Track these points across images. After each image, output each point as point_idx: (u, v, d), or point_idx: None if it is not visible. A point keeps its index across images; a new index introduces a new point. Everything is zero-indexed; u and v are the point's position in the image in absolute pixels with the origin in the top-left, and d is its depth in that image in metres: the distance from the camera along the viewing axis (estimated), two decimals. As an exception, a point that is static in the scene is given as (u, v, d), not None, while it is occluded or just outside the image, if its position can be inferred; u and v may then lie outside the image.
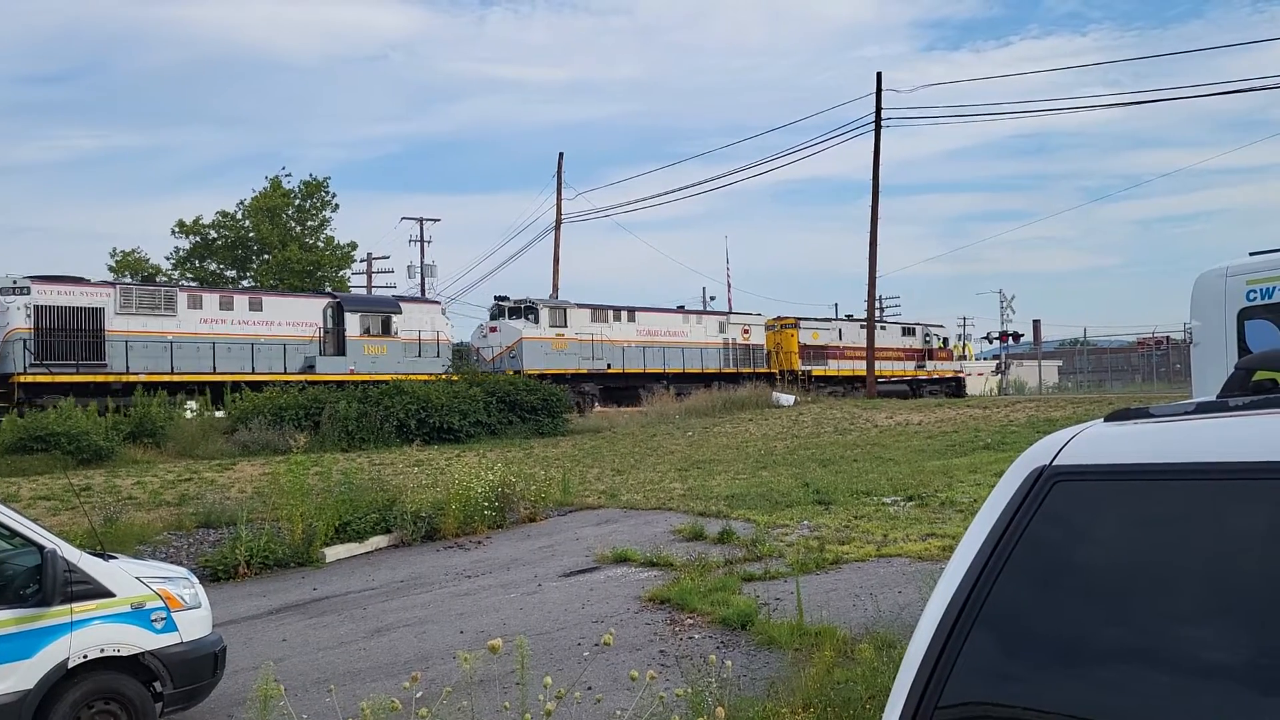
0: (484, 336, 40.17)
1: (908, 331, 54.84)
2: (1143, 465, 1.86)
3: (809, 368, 47.91)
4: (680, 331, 44.58)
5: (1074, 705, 1.73)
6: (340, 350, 34.88)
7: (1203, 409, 1.92)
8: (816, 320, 52.12)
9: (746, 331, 47.23)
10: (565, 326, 39.94)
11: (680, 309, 47.03)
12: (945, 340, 57.58)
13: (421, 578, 13.38)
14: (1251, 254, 7.33)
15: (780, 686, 7.12)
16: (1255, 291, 7.07)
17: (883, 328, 52.24)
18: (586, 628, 9.93)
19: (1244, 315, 7.10)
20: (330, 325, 35.20)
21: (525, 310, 39.97)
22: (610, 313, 42.70)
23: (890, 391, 48.68)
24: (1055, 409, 30.04)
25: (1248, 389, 2.00)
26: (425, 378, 33.18)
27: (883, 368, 49.41)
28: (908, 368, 52.88)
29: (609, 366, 40.72)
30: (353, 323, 35.35)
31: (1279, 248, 7.17)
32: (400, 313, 36.88)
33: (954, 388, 53.88)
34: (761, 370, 46.36)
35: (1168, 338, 44.07)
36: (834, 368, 49.42)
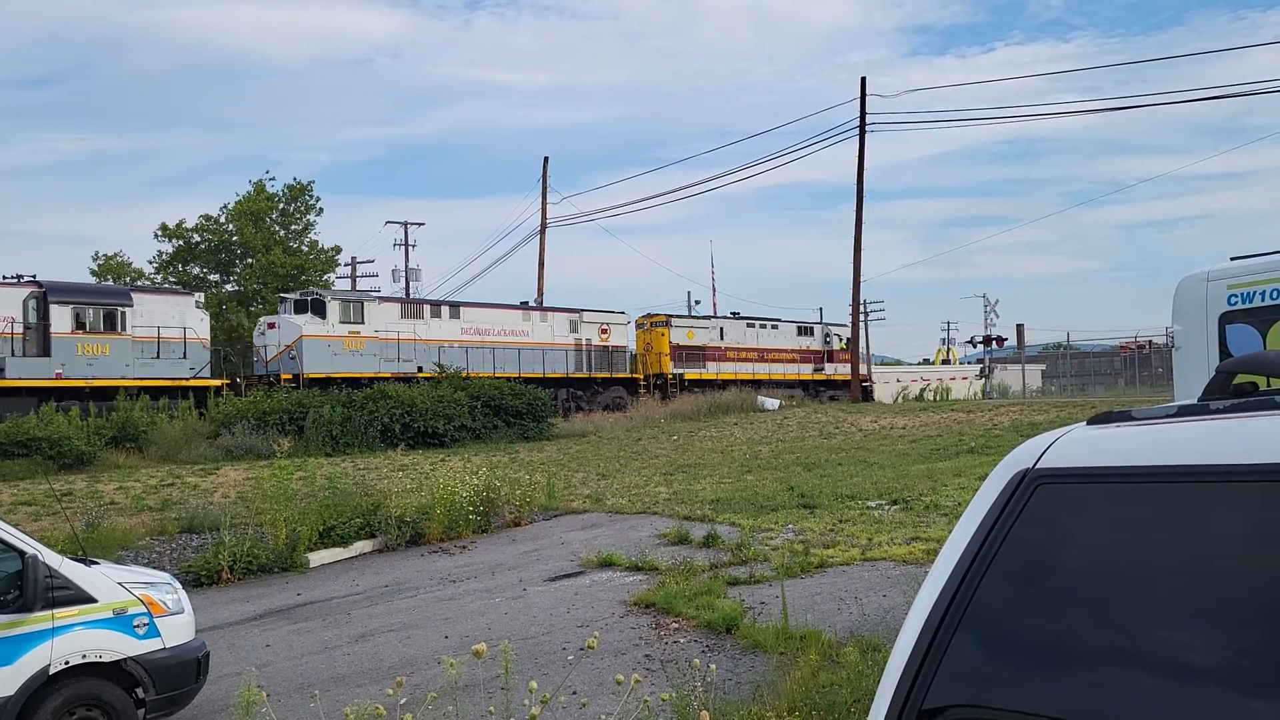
0: (262, 334, 35.43)
1: (805, 331, 51.80)
2: (1125, 468, 1.86)
3: (682, 370, 44.37)
4: (519, 330, 40.31)
5: (1057, 708, 1.73)
6: (44, 350, 29.00)
7: (1184, 412, 1.93)
8: (693, 318, 48.74)
9: (605, 331, 43.09)
10: (362, 323, 35.34)
11: (523, 305, 42.69)
12: (848, 341, 53.99)
13: (406, 583, 13.34)
14: (1232, 259, 7.38)
15: (765, 690, 7.12)
16: (1236, 296, 7.12)
17: (774, 327, 50.02)
18: (571, 632, 9.91)
19: (1225, 319, 7.15)
20: (33, 319, 29.22)
21: (311, 304, 35.12)
22: (427, 308, 38.66)
23: (787, 395, 45.41)
24: (1038, 413, 30.17)
25: (1228, 392, 2.01)
26: (164, 383, 29.97)
27: (772, 370, 47.02)
28: (803, 370, 49.83)
29: (420, 370, 35.89)
30: (61, 316, 29.25)
31: (1260, 253, 7.22)
32: (131, 305, 30.74)
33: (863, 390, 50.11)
34: (621, 375, 43.06)
35: (1150, 342, 44.28)
36: (713, 370, 45.53)
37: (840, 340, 52.50)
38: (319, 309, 34.73)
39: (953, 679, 1.86)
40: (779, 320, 51.40)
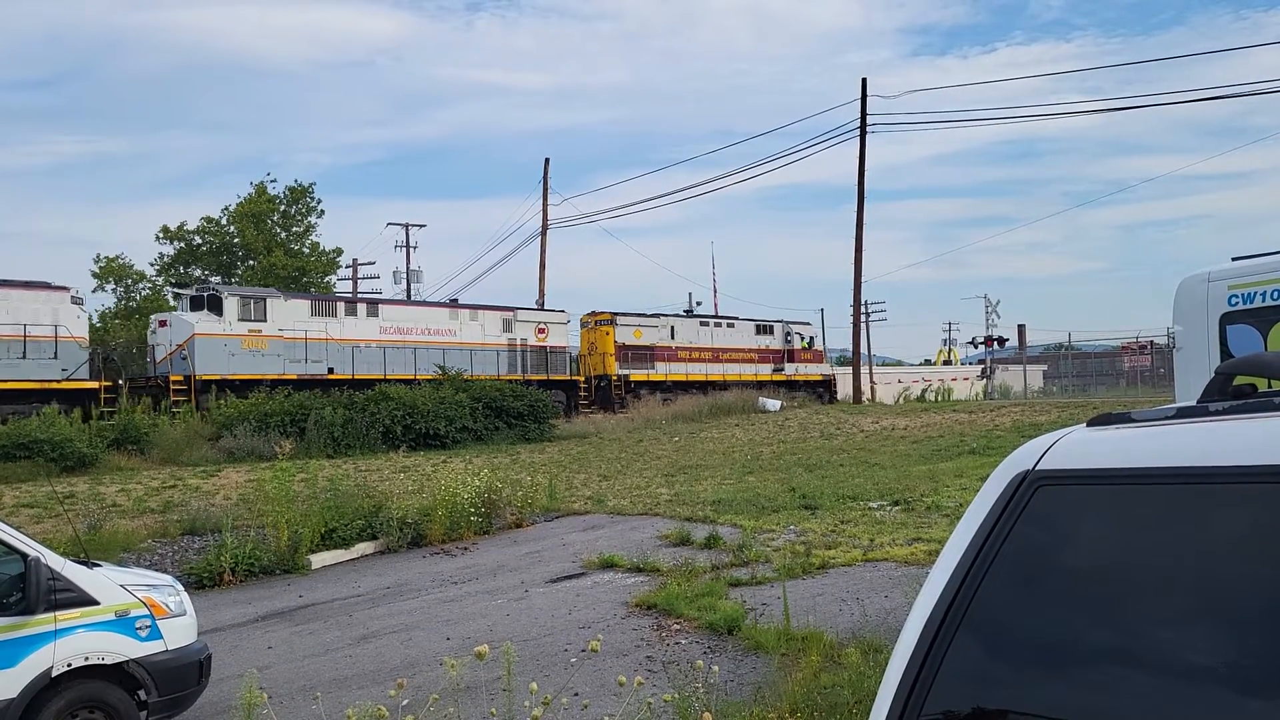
0: (154, 332, 32.96)
1: (764, 329, 49.21)
2: (1124, 469, 1.87)
3: (628, 371, 41.98)
4: (446, 329, 38.02)
5: (1058, 708, 1.74)
6: None
7: (1183, 414, 1.93)
8: (640, 316, 45.40)
9: (543, 330, 40.84)
10: (265, 321, 32.93)
11: (452, 302, 40.61)
12: (810, 340, 52.06)
13: (408, 584, 13.34)
14: (1234, 259, 7.38)
15: (767, 691, 7.12)
16: (1237, 296, 7.12)
17: (730, 325, 47.85)
18: (573, 634, 9.92)
19: (1226, 320, 7.15)
20: None
21: (207, 300, 32.75)
22: (341, 306, 36.32)
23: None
24: (1040, 413, 30.16)
25: (1228, 394, 2.02)
26: (30, 385, 27.54)
27: (728, 371, 44.89)
28: (761, 371, 47.44)
29: (331, 371, 33.99)
30: None
31: (1261, 253, 7.22)
32: None
33: (821, 394, 48.61)
34: (560, 377, 40.59)
35: (1151, 342, 44.24)
36: (662, 371, 43.19)
37: (802, 339, 50.60)
38: (215, 305, 32.36)
39: (954, 680, 1.86)
40: (735, 318, 49.29)
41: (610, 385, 41.49)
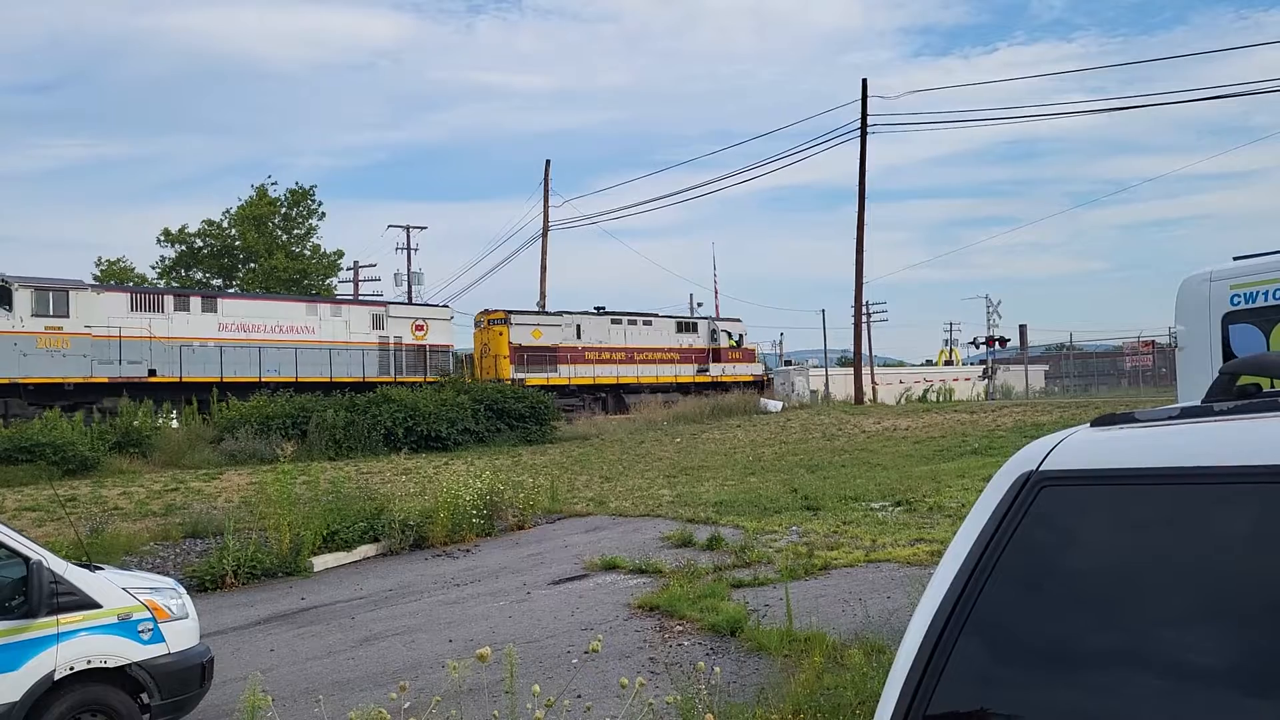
0: None
1: (686, 327, 46.34)
2: (1129, 470, 1.87)
3: (524, 375, 38.62)
4: (301, 327, 34.57)
5: (1063, 710, 1.74)
6: None
7: (1187, 414, 1.93)
8: (540, 314, 42.60)
9: (421, 328, 37.76)
10: (67, 316, 29.42)
11: (313, 297, 37.83)
12: (740, 338, 48.58)
13: (410, 586, 13.34)
14: (1236, 258, 7.37)
15: (770, 693, 7.12)
16: (1239, 296, 7.11)
17: (647, 323, 44.70)
18: (576, 635, 9.91)
19: (1228, 320, 7.14)
20: None
21: None
22: (170, 300, 32.73)
23: (665, 402, 40.51)
24: (1042, 414, 30.13)
25: (1232, 394, 2.01)
26: None
27: (643, 373, 42.16)
28: (684, 372, 44.54)
29: (153, 374, 30.80)
30: None
31: (1263, 252, 7.21)
32: None
33: (758, 393, 44.62)
34: (442, 379, 36.53)
35: (1153, 342, 44.20)
36: (565, 374, 39.95)
37: (731, 338, 47.39)
38: (4, 298, 28.68)
39: (958, 681, 1.86)
40: (654, 315, 45.93)
41: None
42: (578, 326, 41.89)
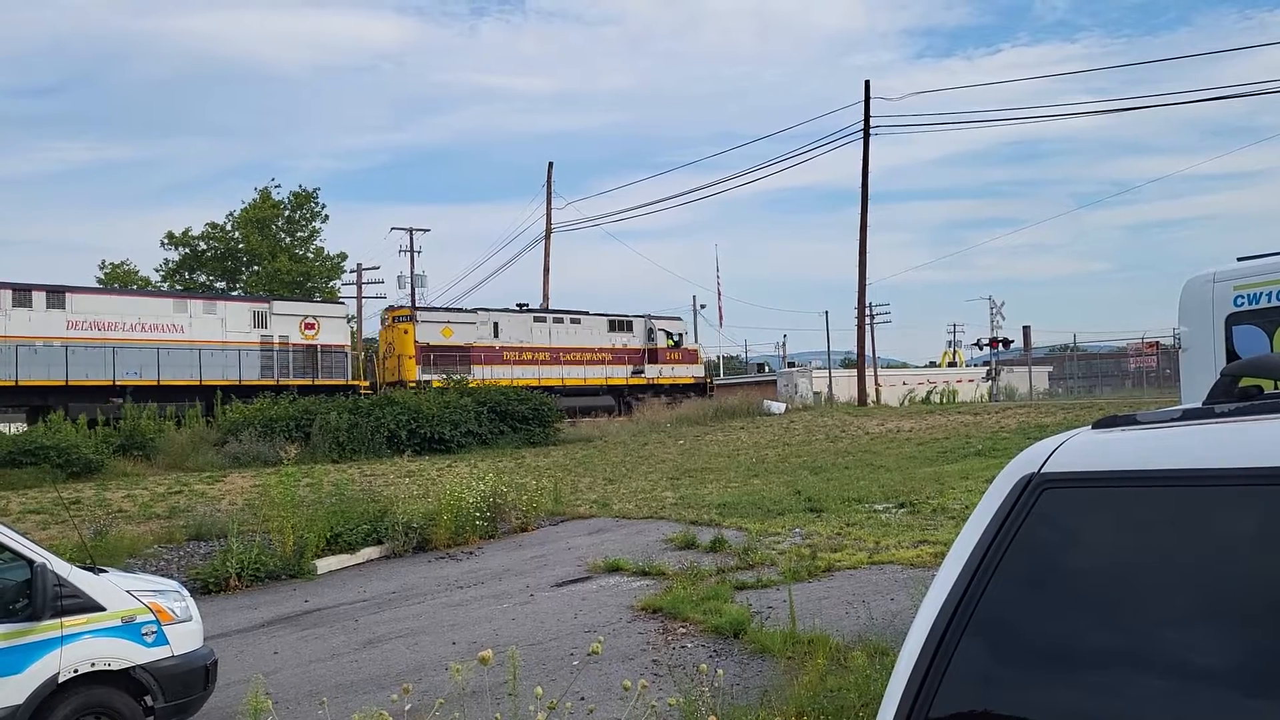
0: None
1: (620, 326, 43.30)
2: (1130, 472, 1.87)
3: (431, 377, 35.89)
4: (168, 325, 31.29)
5: (1065, 711, 1.74)
6: None
7: (1188, 416, 1.93)
8: (451, 311, 39.69)
9: (311, 326, 34.46)
10: None
11: (183, 291, 33.98)
12: (679, 337, 45.85)
13: (413, 589, 13.34)
14: (1239, 259, 7.36)
15: (773, 695, 7.11)
16: (1243, 297, 7.10)
17: (575, 321, 42.02)
18: (579, 638, 9.91)
19: (1232, 321, 7.13)
20: None
21: None
22: (9, 294, 29.14)
23: (593, 406, 38.99)
24: (1046, 415, 30.09)
25: (1234, 395, 2.01)
26: None
27: (571, 375, 39.61)
28: (616, 374, 41.80)
29: None
30: None
31: (1266, 253, 7.20)
32: None
33: (698, 397, 42.53)
34: (334, 382, 33.98)
35: (1157, 343, 44.11)
36: (480, 376, 36.88)
37: (669, 337, 44.61)
38: None
39: (960, 683, 1.86)
40: (584, 313, 42.89)
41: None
42: (495, 325, 39.38)
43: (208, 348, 31.89)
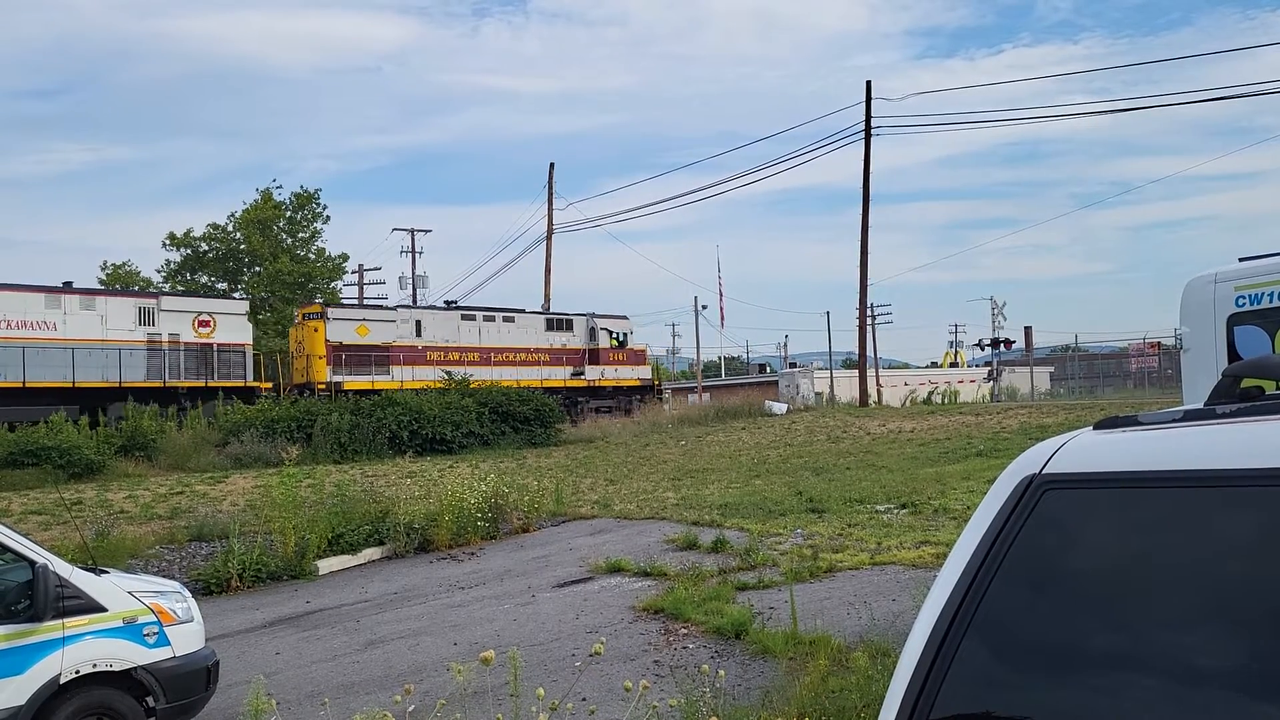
0: None
1: (557, 325, 40.81)
2: (1131, 473, 1.86)
3: (343, 378, 33.96)
4: (40, 322, 28.60)
5: (1066, 712, 1.73)
6: None
7: (1190, 416, 1.93)
8: (369, 308, 37.93)
9: (206, 324, 31.83)
10: None
11: (56, 286, 29.79)
12: (624, 336, 42.86)
13: (415, 589, 13.34)
14: (1241, 260, 7.36)
15: (775, 696, 7.11)
16: (1244, 297, 7.10)
17: (509, 319, 39.62)
18: (580, 638, 9.91)
19: (1233, 321, 7.13)
20: None
21: None
22: None
23: None
24: (1047, 415, 30.07)
25: (1236, 396, 2.01)
26: None
27: (504, 376, 36.47)
28: (555, 376, 39.57)
29: None
30: None
31: (1268, 253, 7.20)
32: None
33: (641, 400, 40.94)
34: (230, 384, 31.65)
35: (1159, 343, 44.09)
36: (399, 378, 34.79)
37: (613, 337, 41.99)
38: None
39: (962, 683, 1.86)
40: (519, 311, 40.50)
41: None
42: (417, 323, 36.79)
43: (84, 346, 29.11)
